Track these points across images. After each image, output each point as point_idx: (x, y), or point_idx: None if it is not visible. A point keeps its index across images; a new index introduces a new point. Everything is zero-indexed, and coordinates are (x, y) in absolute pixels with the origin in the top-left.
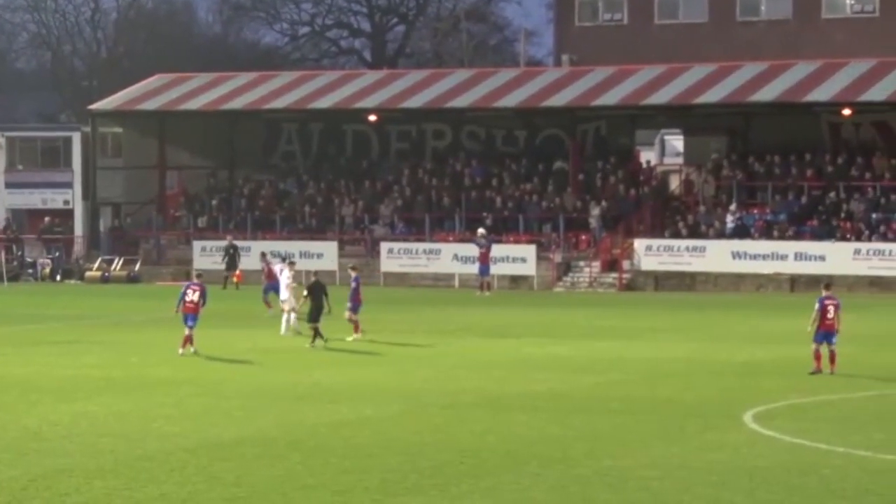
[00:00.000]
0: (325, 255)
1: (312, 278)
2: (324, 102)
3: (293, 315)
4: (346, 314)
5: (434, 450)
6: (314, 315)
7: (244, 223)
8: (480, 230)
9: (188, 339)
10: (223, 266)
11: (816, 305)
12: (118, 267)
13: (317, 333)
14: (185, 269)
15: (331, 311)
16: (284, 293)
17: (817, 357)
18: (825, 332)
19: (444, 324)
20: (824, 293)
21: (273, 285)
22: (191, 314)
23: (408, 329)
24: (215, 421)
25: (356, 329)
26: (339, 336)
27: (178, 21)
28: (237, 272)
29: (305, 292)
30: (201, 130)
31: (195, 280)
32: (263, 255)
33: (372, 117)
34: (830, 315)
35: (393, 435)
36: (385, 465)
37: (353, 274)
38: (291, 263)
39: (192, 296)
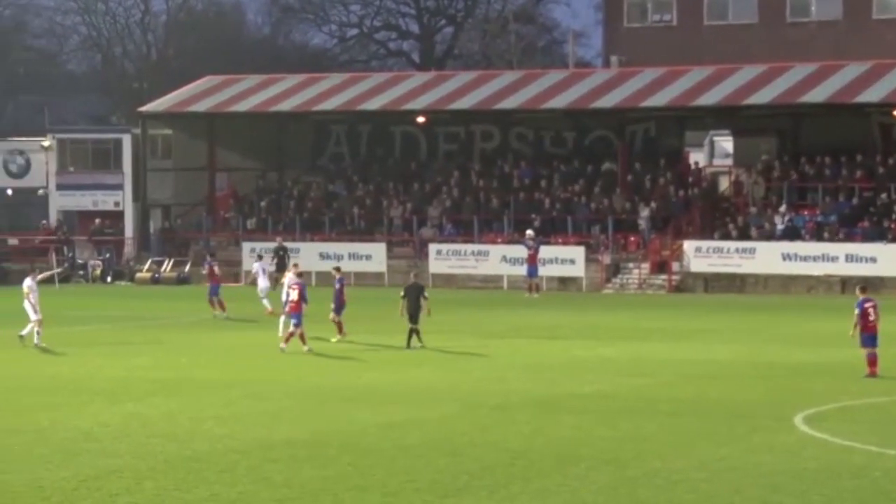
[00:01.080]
0: (373, 256)
1: (411, 279)
2: (372, 104)
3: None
4: (331, 315)
5: (483, 451)
6: (412, 317)
7: (293, 225)
8: (529, 232)
9: (292, 336)
10: (273, 268)
11: (856, 310)
12: (168, 268)
13: (413, 334)
14: (234, 271)
15: (430, 313)
16: (293, 294)
17: (871, 363)
18: (871, 336)
19: (492, 325)
20: (862, 296)
21: (215, 287)
22: (294, 313)
23: (456, 330)
24: (265, 422)
25: (339, 330)
26: (324, 337)
27: (227, 23)
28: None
29: (403, 293)
30: (250, 132)
31: (297, 280)
32: (212, 255)
33: (420, 119)
34: (872, 318)
35: (442, 436)
36: (435, 466)
37: (336, 275)
38: (296, 265)
39: (293, 295)
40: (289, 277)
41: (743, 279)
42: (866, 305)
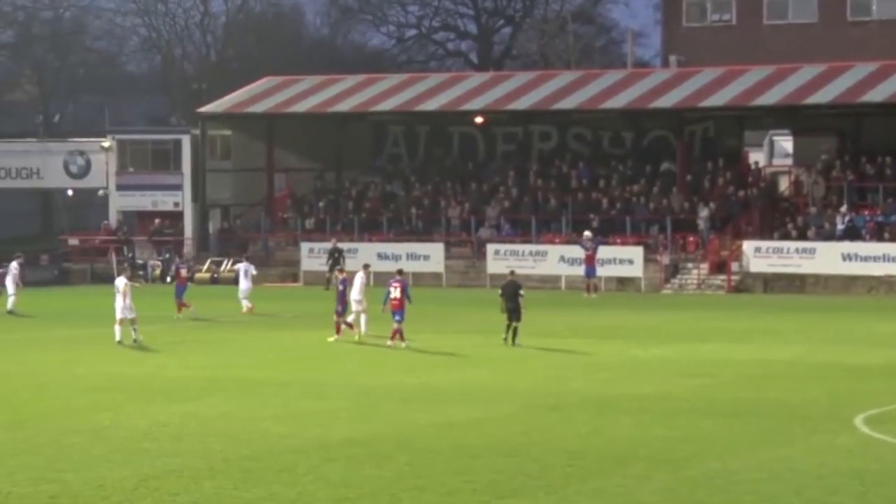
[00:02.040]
0: (431, 256)
1: (508, 277)
2: (430, 105)
3: (364, 317)
4: (335, 317)
5: (541, 451)
6: (509, 314)
7: (351, 225)
8: (587, 233)
9: (396, 333)
10: (327, 268)
11: None
12: (227, 268)
13: (515, 333)
14: (292, 271)
15: (524, 308)
16: (358, 294)
17: None
18: None
19: (550, 326)
20: None
21: (180, 288)
22: (396, 310)
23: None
24: (323, 421)
25: (338, 330)
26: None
27: (286, 24)
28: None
29: (501, 291)
30: (309, 133)
31: (397, 277)
32: (177, 257)
33: (478, 119)
34: None
35: (500, 436)
36: (492, 466)
37: (339, 276)
38: (366, 266)
39: (395, 292)
40: (359, 276)
41: (803, 279)
42: None
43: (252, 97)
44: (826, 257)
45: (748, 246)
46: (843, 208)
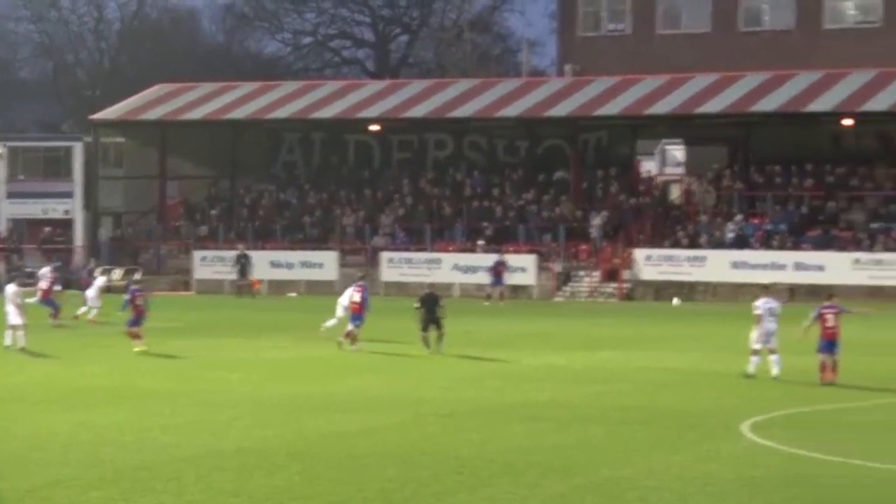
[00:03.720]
0: (325, 264)
1: (426, 290)
2: (326, 112)
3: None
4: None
5: (432, 459)
6: (425, 325)
7: (245, 233)
8: (497, 257)
9: (349, 335)
10: (235, 276)
11: (812, 314)
12: (118, 277)
13: (439, 339)
14: (184, 279)
15: (444, 317)
16: (357, 296)
17: (823, 369)
18: (828, 342)
19: None
20: (826, 303)
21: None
22: (355, 314)
23: (407, 339)
24: (214, 430)
25: (136, 337)
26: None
27: (181, 31)
28: (254, 280)
29: (418, 304)
30: (203, 140)
31: (359, 283)
32: (52, 268)
33: (374, 127)
34: (830, 323)
35: (391, 445)
36: (383, 474)
37: (133, 286)
38: (362, 277)
39: (357, 296)
40: (351, 289)
41: (693, 287)
42: (824, 311)
43: (145, 104)
44: (716, 265)
45: (639, 254)
46: (738, 217)
